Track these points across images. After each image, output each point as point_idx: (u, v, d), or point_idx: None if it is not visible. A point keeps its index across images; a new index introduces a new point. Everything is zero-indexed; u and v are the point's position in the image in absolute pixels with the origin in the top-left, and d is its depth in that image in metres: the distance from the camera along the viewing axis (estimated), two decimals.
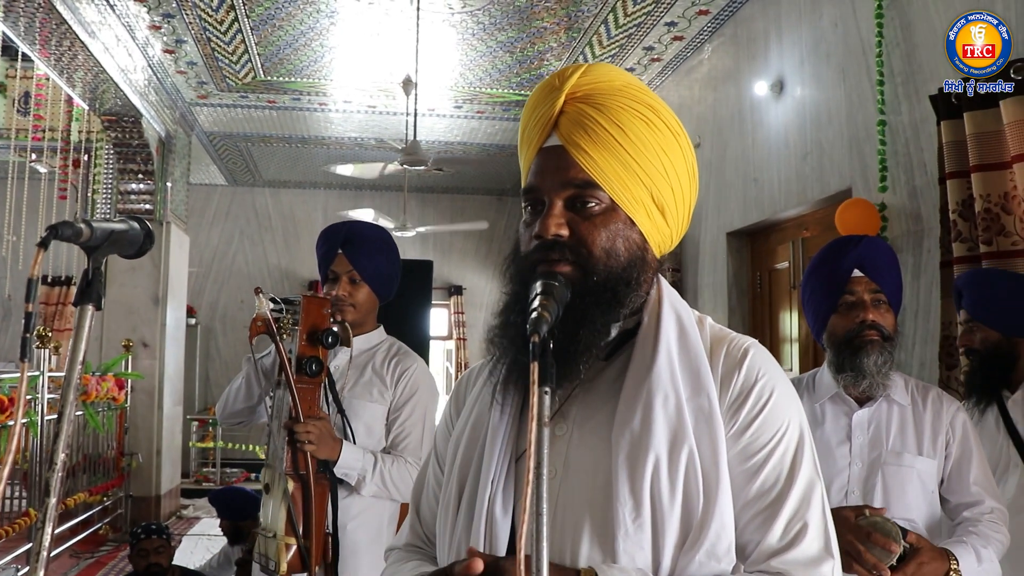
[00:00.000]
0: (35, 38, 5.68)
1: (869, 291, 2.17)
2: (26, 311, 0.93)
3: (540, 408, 0.89)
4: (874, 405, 2.19)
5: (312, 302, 2.42)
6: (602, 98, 1.17)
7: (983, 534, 2.07)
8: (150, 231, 1.18)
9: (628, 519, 1.06)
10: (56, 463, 0.91)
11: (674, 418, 1.09)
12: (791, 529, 1.09)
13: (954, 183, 3.29)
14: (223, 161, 10.27)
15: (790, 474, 1.11)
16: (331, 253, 2.57)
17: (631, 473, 1.07)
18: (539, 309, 1.00)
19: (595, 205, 1.15)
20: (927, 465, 2.13)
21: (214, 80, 7.34)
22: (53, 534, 0.92)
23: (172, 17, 5.98)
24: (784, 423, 1.14)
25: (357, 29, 6.22)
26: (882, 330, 2.15)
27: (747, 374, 1.15)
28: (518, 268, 1.18)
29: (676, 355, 1.15)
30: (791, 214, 5.02)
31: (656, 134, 1.18)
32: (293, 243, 11.62)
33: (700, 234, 6.15)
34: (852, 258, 2.19)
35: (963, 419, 2.20)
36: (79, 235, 1.02)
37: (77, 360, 0.96)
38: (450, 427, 1.32)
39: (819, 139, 4.59)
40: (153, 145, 7.60)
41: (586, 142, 1.15)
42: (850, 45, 4.31)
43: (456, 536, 1.16)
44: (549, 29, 6.16)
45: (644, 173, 1.17)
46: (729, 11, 5.63)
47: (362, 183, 11.31)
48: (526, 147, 1.23)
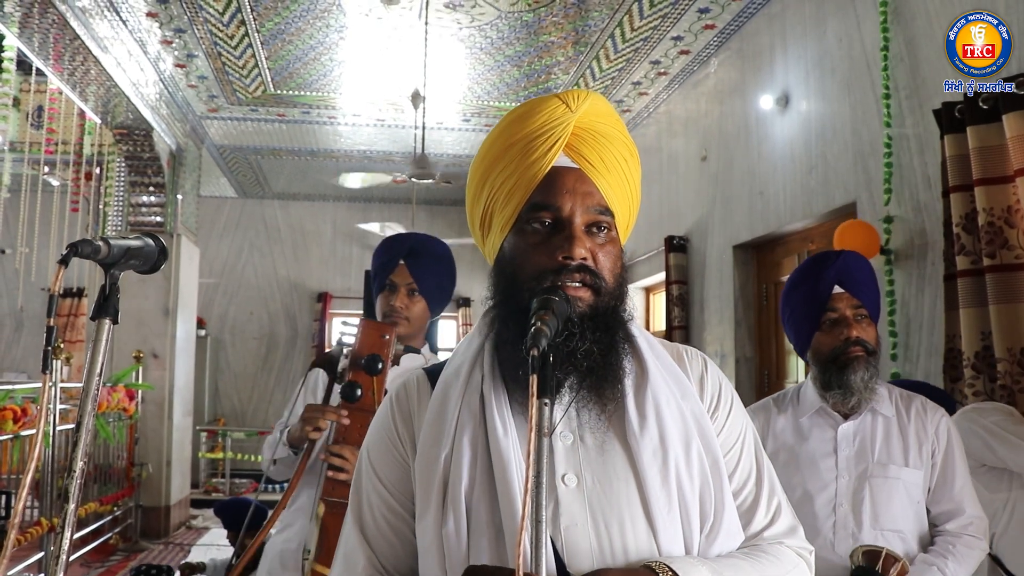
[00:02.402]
0: (49, 53, 5.76)
1: (851, 307, 2.19)
2: (48, 326, 0.96)
3: (539, 419, 0.92)
4: (859, 418, 2.21)
5: (368, 327, 2.30)
6: (605, 128, 1.22)
7: (960, 555, 2.09)
8: (164, 247, 1.22)
9: (664, 512, 1.14)
10: (75, 470, 0.94)
11: (679, 419, 1.19)
12: (771, 509, 1.26)
13: (957, 197, 3.31)
14: (233, 174, 10.35)
15: (758, 464, 1.28)
16: (392, 263, 2.50)
17: (660, 472, 1.15)
18: (538, 324, 1.04)
19: (606, 232, 1.21)
20: (913, 476, 2.15)
21: (224, 94, 7.41)
22: (72, 539, 0.95)
23: (183, 32, 6.05)
24: (744, 421, 1.31)
25: (366, 43, 6.28)
26: (866, 345, 2.17)
27: (712, 380, 1.30)
28: (534, 286, 1.15)
29: (657, 362, 1.24)
30: (796, 227, 5.04)
31: (637, 166, 1.26)
32: (302, 255, 11.68)
33: (706, 247, 6.18)
34: (832, 275, 2.21)
35: (947, 428, 2.21)
36: (97, 252, 1.06)
37: (95, 372, 0.99)
38: (400, 449, 1.25)
39: (824, 153, 4.62)
40: (164, 158, 7.68)
41: (603, 169, 1.20)
42: (854, 59, 4.35)
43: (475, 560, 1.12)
44: (556, 43, 6.21)
45: (631, 201, 1.25)
46: (735, 26, 5.67)
47: (371, 196, 11.38)
48: (525, 161, 1.19)
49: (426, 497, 1.18)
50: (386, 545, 1.24)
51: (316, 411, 2.26)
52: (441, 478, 1.16)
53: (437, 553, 1.15)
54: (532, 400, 0.94)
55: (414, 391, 1.29)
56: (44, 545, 5.22)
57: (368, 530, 1.25)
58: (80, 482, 0.94)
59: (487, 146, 1.25)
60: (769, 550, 1.21)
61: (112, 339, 1.07)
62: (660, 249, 6.70)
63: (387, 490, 1.25)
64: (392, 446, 1.26)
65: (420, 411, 1.26)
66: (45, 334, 0.96)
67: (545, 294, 1.11)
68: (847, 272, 2.21)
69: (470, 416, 1.18)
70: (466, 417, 1.18)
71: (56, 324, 0.99)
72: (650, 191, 7.30)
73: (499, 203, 1.22)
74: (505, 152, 1.21)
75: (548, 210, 1.18)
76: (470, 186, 1.29)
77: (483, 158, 1.25)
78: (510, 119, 1.23)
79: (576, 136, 1.19)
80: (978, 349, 3.21)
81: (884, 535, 2.11)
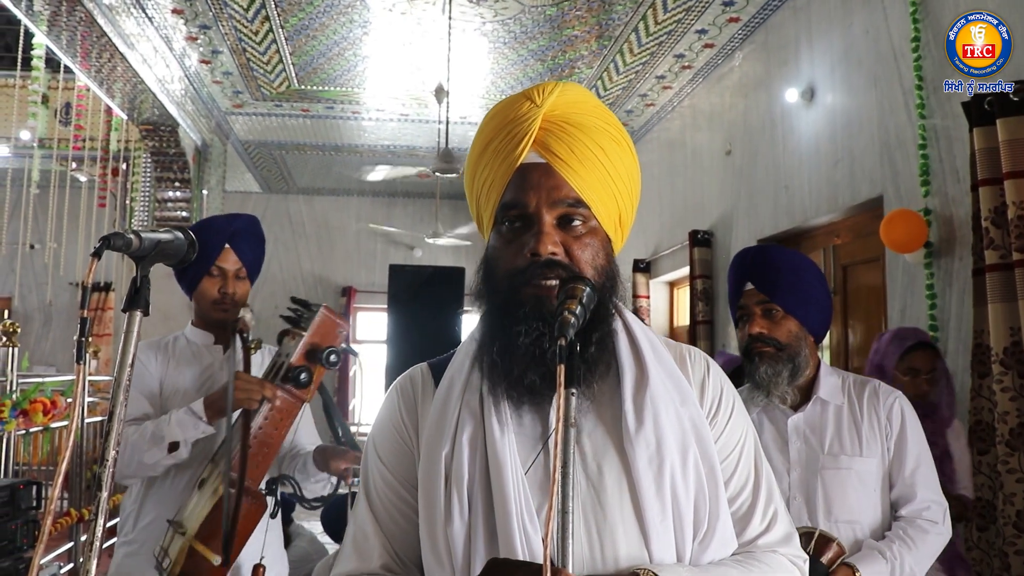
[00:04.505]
0: (76, 51, 5.82)
1: (758, 303, 2.19)
2: (80, 316, 0.98)
3: (567, 409, 0.92)
4: (806, 409, 2.20)
5: (329, 317, 2.30)
6: (580, 118, 1.20)
7: (911, 540, 2.09)
8: (193, 241, 1.24)
9: (657, 520, 1.13)
10: (108, 459, 0.96)
11: (676, 426, 1.17)
12: (767, 516, 1.24)
13: (987, 190, 3.28)
14: (258, 169, 10.41)
15: (756, 470, 1.26)
16: (217, 248, 2.42)
17: (655, 479, 1.13)
18: (565, 312, 1.03)
19: (581, 224, 1.19)
20: (866, 465, 2.14)
21: (249, 89, 7.46)
22: (105, 526, 0.97)
23: (208, 28, 6.09)
24: (745, 426, 1.29)
25: (390, 38, 6.30)
26: (769, 341, 2.17)
27: (714, 384, 1.28)
28: (508, 285, 1.17)
29: (658, 365, 1.22)
30: (822, 221, 5.01)
31: (624, 154, 1.23)
32: (327, 250, 11.74)
33: (731, 241, 6.15)
34: (744, 271, 2.22)
35: (900, 410, 2.20)
36: (129, 245, 1.08)
37: (127, 363, 1.01)
38: (406, 438, 1.28)
39: (850, 146, 4.58)
40: (190, 154, 7.74)
41: (573, 161, 1.18)
42: (881, 52, 4.31)
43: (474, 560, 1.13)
44: (580, 37, 6.19)
45: (617, 191, 1.22)
46: (760, 18, 5.63)
47: (395, 190, 11.42)
48: (496, 162, 1.21)
49: (428, 495, 1.18)
50: (399, 532, 1.26)
51: (253, 383, 2.18)
52: (443, 477, 1.17)
53: (441, 550, 1.16)
54: (560, 390, 0.94)
55: (419, 383, 1.31)
56: (74, 535, 5.29)
57: (381, 518, 1.26)
58: (112, 470, 0.96)
59: (472, 146, 1.27)
60: (762, 558, 1.20)
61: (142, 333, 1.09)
62: (684, 243, 6.68)
63: (395, 479, 1.26)
64: (398, 435, 1.28)
65: (424, 402, 1.28)
66: (78, 325, 0.98)
67: (573, 283, 1.10)
68: (757, 267, 2.21)
69: (470, 415, 1.19)
70: (466, 416, 1.19)
71: (88, 316, 1.00)
72: (674, 185, 7.28)
73: (483, 202, 1.25)
74: (483, 152, 1.23)
75: (516, 208, 1.18)
76: (465, 186, 1.31)
77: (469, 158, 1.27)
78: (486, 119, 1.25)
79: (544, 130, 1.18)
80: (1007, 344, 3.17)
81: (838, 526, 2.11)
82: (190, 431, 2.22)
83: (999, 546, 3.11)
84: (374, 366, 11.24)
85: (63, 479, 0.96)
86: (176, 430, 2.21)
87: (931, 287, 3.87)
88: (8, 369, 4.74)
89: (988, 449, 3.23)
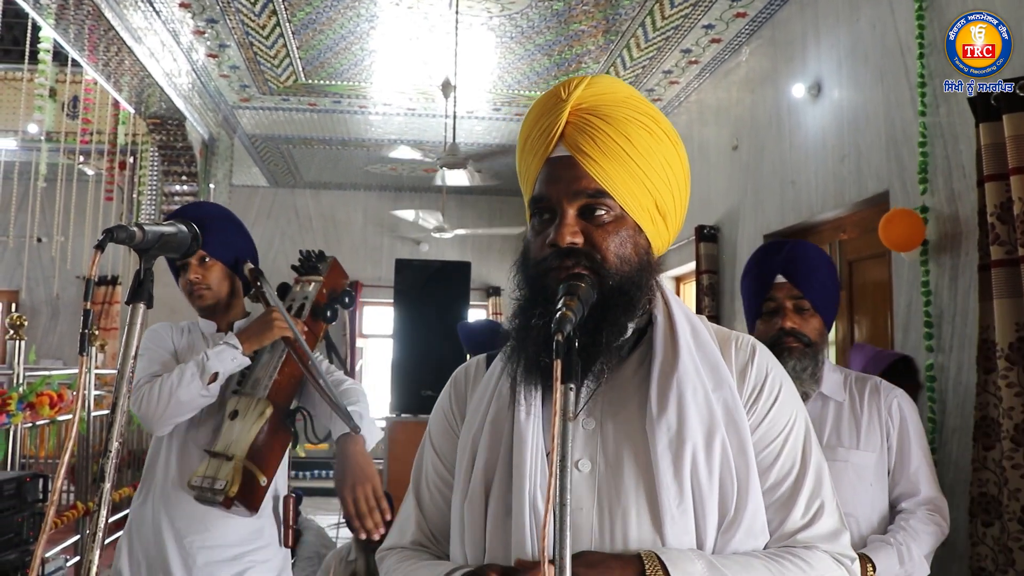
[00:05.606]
0: (84, 44, 5.84)
1: (791, 297, 2.17)
2: (84, 308, 0.99)
3: (564, 403, 0.93)
4: (808, 404, 2.19)
5: (340, 266, 2.50)
6: (607, 109, 1.21)
7: (913, 529, 2.09)
8: (197, 234, 1.25)
9: (673, 505, 1.13)
10: (111, 450, 0.97)
11: (704, 410, 1.17)
12: (811, 508, 1.19)
13: (992, 186, 3.27)
14: (265, 163, 10.43)
15: (803, 459, 1.22)
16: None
17: (673, 462, 1.14)
18: (564, 309, 1.04)
19: (605, 213, 1.20)
20: (863, 458, 2.15)
21: (256, 84, 7.47)
22: (108, 518, 0.98)
23: (215, 22, 6.10)
24: (793, 413, 1.25)
25: (397, 33, 6.30)
26: (801, 337, 2.16)
27: (758, 369, 1.25)
28: (533, 274, 1.20)
29: (694, 351, 1.22)
30: (828, 216, 5.00)
31: (658, 143, 1.23)
32: (334, 244, 11.75)
33: (737, 236, 6.14)
34: (776, 264, 2.20)
35: (900, 406, 2.20)
36: (133, 238, 1.09)
37: (130, 355, 1.02)
38: (453, 424, 1.34)
39: (856, 141, 4.57)
40: (197, 148, 7.75)
41: (595, 152, 1.19)
42: (888, 47, 4.30)
43: (490, 536, 1.18)
44: (587, 32, 6.19)
45: (649, 181, 1.22)
46: (767, 13, 5.62)
47: (402, 184, 11.42)
48: (531, 157, 1.26)
49: (458, 474, 1.25)
50: (436, 512, 1.33)
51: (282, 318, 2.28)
52: (470, 457, 1.23)
53: (458, 527, 1.22)
54: (556, 385, 0.95)
55: (471, 372, 1.38)
56: (80, 528, 5.32)
57: (423, 498, 1.34)
58: (115, 462, 0.97)
59: (517, 143, 1.31)
60: (801, 554, 1.15)
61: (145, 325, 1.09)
62: (690, 238, 6.68)
63: (441, 462, 1.33)
64: (446, 421, 1.35)
65: (473, 390, 1.33)
66: (82, 317, 0.98)
67: (570, 280, 1.12)
68: (792, 262, 2.19)
69: (501, 399, 1.24)
70: (498, 399, 1.24)
71: (92, 309, 1.01)
72: None
73: (525, 196, 1.29)
74: (523, 148, 1.28)
75: (542, 201, 1.22)
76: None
77: (517, 155, 1.32)
78: (526, 115, 1.29)
79: (571, 124, 1.21)
80: (1012, 340, 3.16)
81: None
82: (227, 363, 2.28)
83: (1004, 541, 3.10)
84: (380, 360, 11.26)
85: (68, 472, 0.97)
86: (215, 361, 2.27)
87: (926, 284, 3.88)
88: (15, 362, 4.76)
89: (993, 444, 3.22)
